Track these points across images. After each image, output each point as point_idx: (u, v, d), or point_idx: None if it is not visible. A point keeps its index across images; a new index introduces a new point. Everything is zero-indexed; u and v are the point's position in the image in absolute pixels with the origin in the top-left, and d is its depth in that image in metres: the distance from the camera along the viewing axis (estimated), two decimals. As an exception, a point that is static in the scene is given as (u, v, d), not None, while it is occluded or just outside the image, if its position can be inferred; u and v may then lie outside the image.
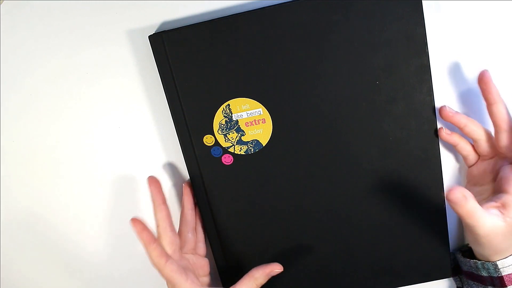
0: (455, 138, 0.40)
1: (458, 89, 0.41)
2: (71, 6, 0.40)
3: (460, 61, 0.40)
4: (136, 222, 0.36)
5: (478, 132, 0.39)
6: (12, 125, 0.43)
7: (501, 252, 0.36)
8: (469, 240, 0.38)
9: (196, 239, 0.43)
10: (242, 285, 0.38)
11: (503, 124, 0.36)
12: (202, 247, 0.43)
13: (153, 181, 0.40)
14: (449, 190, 0.34)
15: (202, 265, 0.43)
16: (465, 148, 0.40)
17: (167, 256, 0.37)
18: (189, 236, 0.42)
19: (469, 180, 0.42)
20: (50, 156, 0.44)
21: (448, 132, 0.39)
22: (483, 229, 0.34)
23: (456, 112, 0.39)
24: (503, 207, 0.35)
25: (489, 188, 0.40)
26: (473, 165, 0.41)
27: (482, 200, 0.40)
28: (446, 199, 0.34)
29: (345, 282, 0.43)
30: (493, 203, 0.36)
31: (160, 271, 0.37)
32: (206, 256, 0.44)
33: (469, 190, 0.40)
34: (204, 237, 0.44)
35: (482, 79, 0.37)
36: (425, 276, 0.43)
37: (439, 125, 0.39)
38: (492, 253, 0.37)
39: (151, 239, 0.36)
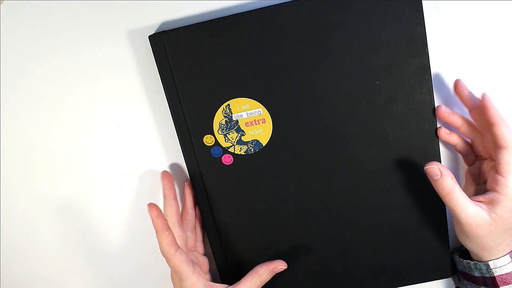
0: (454, 138, 0.40)
1: (458, 89, 0.41)
2: (71, 6, 0.40)
3: (460, 61, 0.40)
4: (153, 207, 0.37)
5: (473, 132, 0.39)
6: (12, 125, 0.43)
7: (490, 250, 0.36)
8: (456, 232, 0.39)
9: (195, 239, 0.43)
10: (246, 281, 0.38)
11: (485, 126, 0.37)
12: (200, 246, 0.44)
13: (167, 176, 0.42)
14: (428, 163, 0.35)
15: (203, 263, 0.43)
16: (464, 148, 0.40)
17: (177, 246, 0.37)
18: (189, 234, 0.42)
19: (467, 180, 0.42)
20: (50, 156, 0.44)
21: (447, 131, 0.39)
22: (465, 214, 0.35)
23: (452, 112, 0.39)
24: (489, 203, 0.36)
25: (483, 188, 0.40)
26: (472, 165, 0.41)
27: None
28: (425, 171, 0.36)
29: (345, 282, 0.43)
30: (479, 198, 0.36)
31: (169, 260, 0.37)
32: (205, 255, 0.44)
33: (467, 190, 0.41)
34: (203, 236, 0.44)
35: (456, 88, 0.39)
36: (425, 276, 0.43)
37: (438, 125, 0.39)
38: (480, 249, 0.37)
39: (164, 226, 0.37)
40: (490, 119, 0.35)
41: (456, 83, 0.39)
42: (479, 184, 0.40)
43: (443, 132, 0.39)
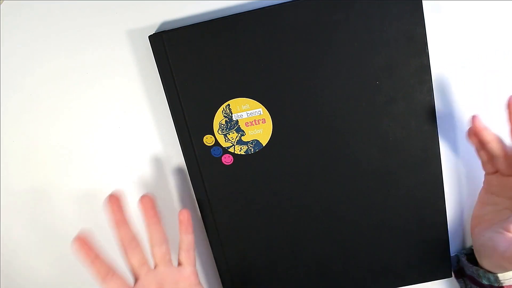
0: (480, 144, 0.38)
1: (458, 89, 0.41)
2: (71, 6, 0.40)
3: (460, 61, 0.40)
4: (77, 241, 0.37)
5: (497, 150, 0.37)
6: (12, 125, 0.43)
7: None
8: (487, 260, 0.38)
9: (179, 249, 0.40)
10: None
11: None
12: (184, 256, 0.40)
13: (114, 201, 0.38)
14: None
15: (186, 276, 0.40)
16: (486, 155, 0.39)
17: (105, 276, 0.37)
18: (155, 250, 0.39)
19: (488, 187, 0.40)
20: (50, 156, 0.44)
21: (483, 126, 0.37)
22: None
23: (485, 127, 0.37)
24: None
25: (506, 202, 0.38)
26: (492, 174, 0.39)
27: (497, 211, 0.39)
28: None
29: (345, 282, 0.43)
30: None
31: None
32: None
33: (485, 197, 0.39)
34: (192, 246, 0.41)
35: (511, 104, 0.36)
36: (425, 276, 0.43)
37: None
38: (501, 270, 0.37)
39: (89, 257, 0.37)
40: None
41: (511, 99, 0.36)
42: (500, 196, 0.39)
43: (477, 122, 0.37)
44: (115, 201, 0.38)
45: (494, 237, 0.37)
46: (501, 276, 0.37)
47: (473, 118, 0.37)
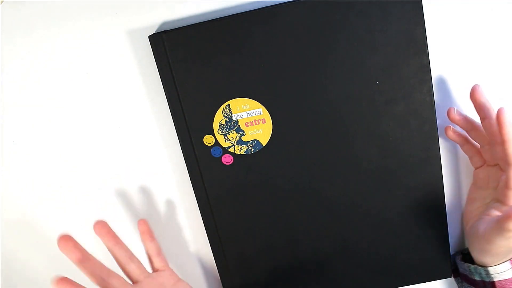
0: (461, 139, 0.40)
1: (458, 89, 0.41)
2: (71, 6, 0.40)
3: (460, 61, 0.40)
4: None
5: (482, 138, 0.38)
6: (12, 126, 0.43)
7: (498, 257, 0.37)
8: (474, 248, 0.38)
9: (150, 256, 0.41)
10: None
11: (495, 138, 0.37)
12: (157, 261, 0.41)
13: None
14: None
15: (168, 277, 0.40)
16: (471, 149, 0.40)
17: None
18: (130, 266, 0.39)
19: (475, 182, 0.41)
20: (50, 156, 0.44)
21: (455, 131, 0.39)
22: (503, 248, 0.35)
23: (464, 116, 0.39)
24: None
25: (492, 193, 0.39)
26: (480, 167, 0.40)
27: (484, 205, 0.40)
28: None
29: (345, 282, 0.43)
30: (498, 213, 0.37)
31: None
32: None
33: (474, 193, 0.40)
34: (160, 250, 0.42)
35: (472, 94, 0.37)
36: (425, 276, 0.43)
37: (446, 124, 0.40)
38: (494, 260, 0.37)
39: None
40: (503, 136, 0.35)
41: (474, 89, 0.37)
42: (487, 188, 0.40)
43: (451, 132, 0.39)
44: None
45: (477, 224, 0.38)
46: (492, 270, 0.37)
47: (449, 110, 0.39)
